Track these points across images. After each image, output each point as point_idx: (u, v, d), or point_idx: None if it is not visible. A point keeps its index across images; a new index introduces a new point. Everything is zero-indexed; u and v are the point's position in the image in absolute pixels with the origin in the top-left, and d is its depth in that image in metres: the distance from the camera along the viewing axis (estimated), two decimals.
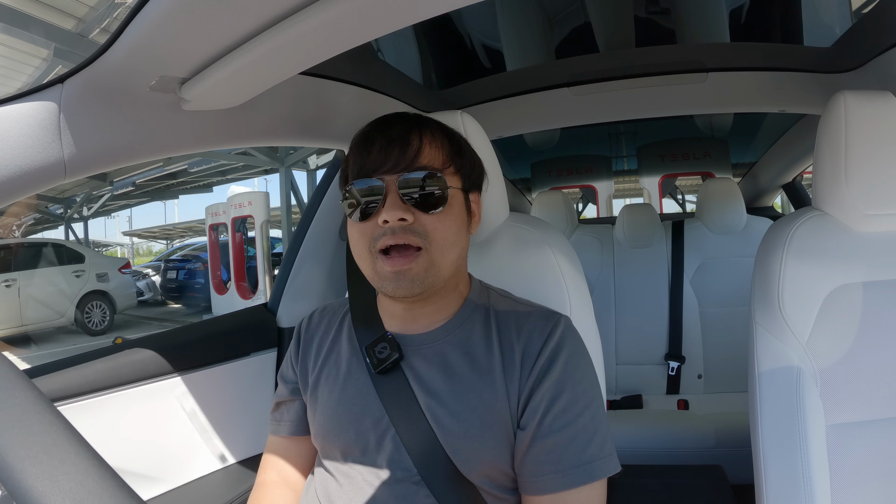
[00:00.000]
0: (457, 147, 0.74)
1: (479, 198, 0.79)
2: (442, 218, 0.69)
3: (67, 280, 8.00)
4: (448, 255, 0.70)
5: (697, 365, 2.07)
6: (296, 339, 0.85)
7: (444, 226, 0.69)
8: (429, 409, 0.70)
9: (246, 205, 7.65)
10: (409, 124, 0.71)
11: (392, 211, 0.66)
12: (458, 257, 0.72)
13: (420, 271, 0.67)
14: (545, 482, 0.65)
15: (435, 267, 0.68)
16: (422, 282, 0.68)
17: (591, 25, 1.24)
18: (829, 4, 1.20)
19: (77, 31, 4.83)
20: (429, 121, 0.75)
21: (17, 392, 0.45)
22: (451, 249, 0.70)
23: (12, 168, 0.64)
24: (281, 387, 0.85)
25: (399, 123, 0.71)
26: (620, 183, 3.83)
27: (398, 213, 0.66)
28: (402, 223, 0.66)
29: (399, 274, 0.67)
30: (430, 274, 0.68)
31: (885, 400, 0.80)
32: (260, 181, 48.23)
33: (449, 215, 0.70)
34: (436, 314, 0.75)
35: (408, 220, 0.66)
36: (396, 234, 0.66)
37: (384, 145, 0.68)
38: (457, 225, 0.71)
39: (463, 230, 0.72)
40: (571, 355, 0.70)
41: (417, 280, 0.67)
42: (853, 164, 0.82)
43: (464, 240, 0.73)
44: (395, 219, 0.66)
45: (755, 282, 0.89)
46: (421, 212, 0.68)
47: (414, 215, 0.67)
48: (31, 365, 0.95)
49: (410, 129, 0.70)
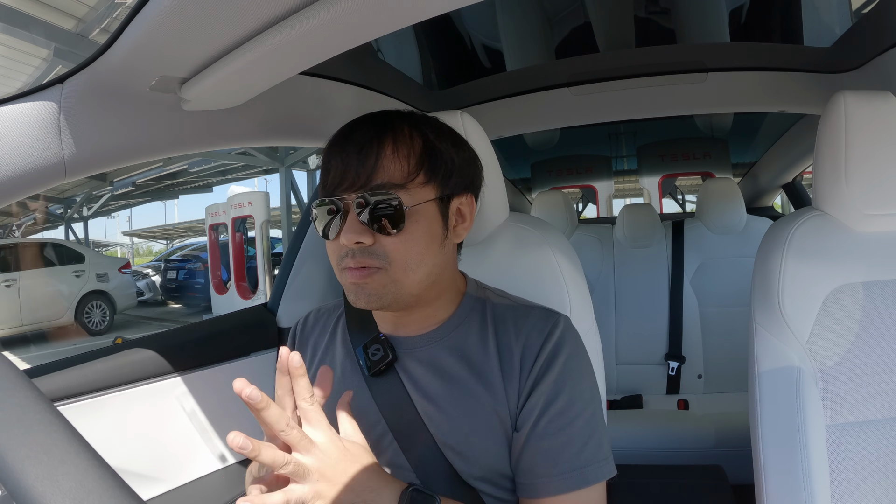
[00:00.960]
0: (430, 150, 0.67)
1: (471, 200, 0.73)
2: (403, 238, 0.65)
3: (67, 280, 8.00)
4: (412, 275, 0.66)
5: (697, 365, 2.07)
6: (290, 343, 0.84)
7: (405, 246, 0.65)
8: (426, 412, 0.69)
9: (246, 205, 7.65)
10: (369, 132, 0.66)
11: (348, 234, 0.63)
12: (427, 274, 0.68)
13: (377, 287, 0.65)
14: (540, 486, 0.65)
15: (396, 284, 0.66)
16: (379, 298, 0.66)
17: (591, 25, 1.24)
18: (829, 4, 1.20)
19: (77, 31, 4.83)
20: (398, 121, 0.68)
21: (17, 392, 0.45)
22: (416, 269, 0.66)
23: (12, 168, 0.64)
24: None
25: (361, 131, 0.67)
26: (620, 183, 3.83)
27: (354, 236, 0.63)
28: (360, 246, 0.64)
29: (357, 286, 0.65)
30: (389, 291, 0.66)
31: (885, 400, 0.80)
32: (260, 181, 48.17)
33: (412, 234, 0.65)
34: (426, 319, 0.73)
35: (365, 244, 0.64)
36: (355, 258, 0.65)
37: (342, 160, 0.65)
38: (422, 243, 0.66)
39: (433, 245, 0.67)
40: (571, 356, 0.69)
41: (374, 295, 0.65)
42: (853, 164, 0.82)
43: (434, 255, 0.68)
44: (350, 242, 0.63)
45: (755, 282, 0.89)
46: (380, 233, 0.64)
47: (373, 237, 0.64)
48: (31, 365, 0.95)
49: (371, 139, 0.65)
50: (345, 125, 0.70)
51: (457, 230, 0.71)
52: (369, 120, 0.69)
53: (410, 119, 0.70)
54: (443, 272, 0.71)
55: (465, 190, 0.72)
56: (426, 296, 0.70)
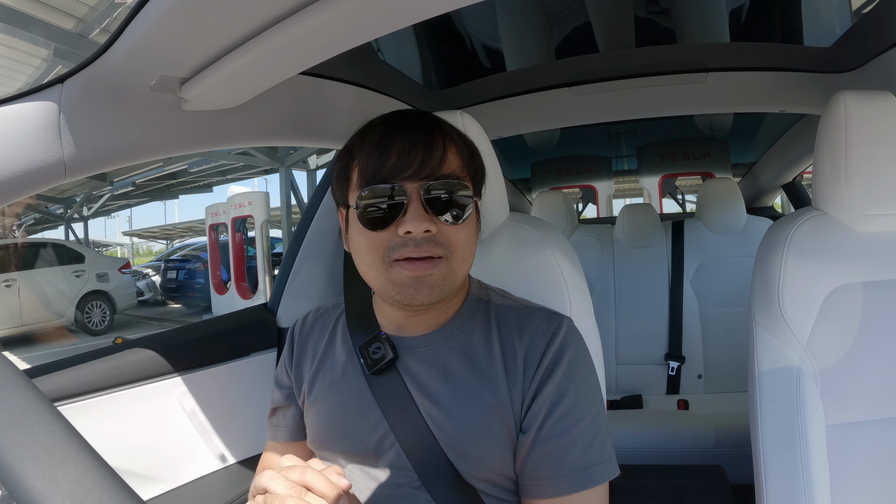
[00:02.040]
0: (471, 153, 0.72)
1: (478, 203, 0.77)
2: (464, 228, 0.67)
3: (67, 280, 8.00)
4: (465, 264, 0.69)
5: (697, 365, 2.07)
6: (289, 343, 0.83)
7: (465, 235, 0.67)
8: (428, 413, 0.69)
9: (246, 205, 7.64)
10: (431, 126, 0.67)
11: (416, 222, 0.62)
12: (470, 266, 0.71)
13: (440, 278, 0.65)
14: (545, 486, 0.65)
15: (453, 275, 0.67)
16: (440, 289, 0.66)
17: (591, 25, 1.24)
18: (829, 4, 1.20)
19: (77, 31, 4.83)
20: (448, 123, 0.71)
21: (17, 392, 0.45)
22: (469, 258, 0.69)
23: (12, 168, 0.64)
24: (276, 392, 0.84)
25: (420, 123, 0.67)
26: (620, 183, 3.83)
27: (423, 224, 0.62)
28: (427, 234, 0.63)
29: (419, 280, 0.64)
30: (447, 282, 0.66)
31: (885, 400, 0.80)
32: (260, 181, 48.22)
33: (469, 225, 0.68)
34: (434, 318, 0.73)
35: (432, 232, 0.63)
36: (420, 247, 0.63)
37: (407, 148, 0.63)
38: (474, 234, 0.70)
39: (476, 239, 0.71)
40: (574, 358, 0.69)
41: (436, 287, 0.65)
42: (853, 164, 0.82)
43: (475, 248, 0.71)
44: (420, 231, 0.62)
45: (755, 282, 0.89)
46: (444, 222, 0.65)
47: (437, 226, 0.64)
48: (31, 365, 0.95)
49: (433, 132, 0.66)
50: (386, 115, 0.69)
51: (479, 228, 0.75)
52: (417, 115, 0.70)
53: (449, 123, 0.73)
54: None
55: (479, 194, 0.75)
56: (458, 290, 0.73)
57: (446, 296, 0.68)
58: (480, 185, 0.75)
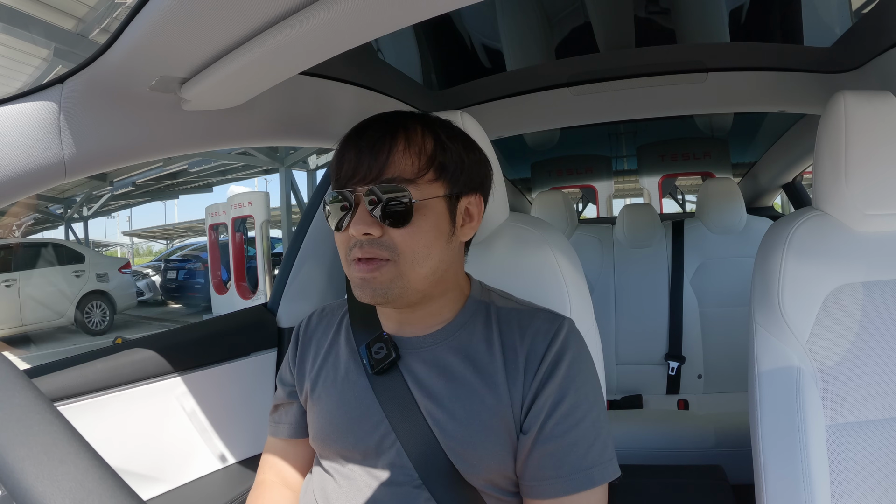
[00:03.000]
0: (441, 149, 0.69)
1: (479, 199, 0.74)
2: (410, 231, 0.66)
3: (67, 280, 8.00)
4: (419, 269, 0.67)
5: (697, 365, 2.07)
6: (294, 342, 0.84)
7: (413, 239, 0.66)
8: (429, 412, 0.69)
9: (246, 205, 7.64)
10: (384, 129, 0.68)
11: (358, 225, 0.65)
12: (433, 269, 0.69)
13: (385, 281, 0.66)
14: (546, 487, 0.65)
15: (403, 278, 0.67)
16: (386, 292, 0.66)
17: (591, 25, 1.24)
18: (829, 4, 1.20)
19: (77, 31, 4.83)
20: (410, 120, 0.70)
21: (17, 392, 0.45)
22: (423, 262, 0.67)
23: (12, 168, 0.64)
24: (279, 389, 0.84)
25: (374, 128, 0.68)
26: (620, 183, 3.83)
27: (363, 227, 0.65)
28: (368, 237, 0.66)
29: (364, 281, 0.67)
30: (395, 285, 0.67)
31: (885, 400, 0.80)
32: (260, 181, 48.25)
33: (420, 228, 0.66)
34: (430, 318, 0.74)
35: (373, 235, 0.65)
36: (364, 248, 0.66)
37: (355, 155, 0.67)
38: (430, 237, 0.67)
39: (439, 241, 0.68)
40: (575, 359, 0.69)
41: (381, 290, 0.66)
42: (853, 164, 0.82)
43: (441, 250, 0.69)
44: (360, 233, 0.65)
45: (755, 282, 0.89)
46: (389, 226, 0.66)
47: (382, 229, 0.66)
48: (31, 365, 0.95)
49: (383, 136, 0.67)
50: (359, 123, 0.72)
51: (464, 229, 0.73)
52: (383, 118, 0.70)
53: (423, 119, 0.71)
54: (448, 269, 0.72)
55: (473, 190, 0.73)
56: (431, 293, 0.71)
57: (398, 298, 0.68)
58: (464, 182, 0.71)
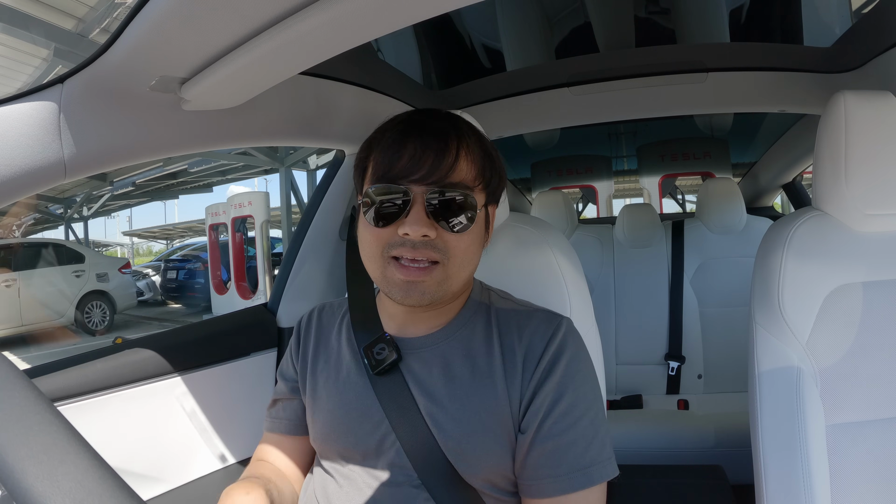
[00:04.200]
0: (489, 160, 0.70)
1: (495, 209, 0.76)
2: (464, 236, 0.66)
3: (67, 280, 8.00)
4: (463, 272, 0.69)
5: (697, 365, 2.07)
6: (296, 337, 0.84)
7: (465, 244, 0.67)
8: (428, 412, 0.69)
9: (246, 205, 7.64)
10: (447, 129, 0.67)
11: (415, 226, 0.63)
12: (471, 273, 0.71)
13: (433, 284, 0.66)
14: (544, 486, 0.65)
15: (449, 281, 0.67)
16: (432, 294, 0.66)
17: (591, 25, 1.24)
18: (829, 4, 1.20)
19: (77, 31, 4.83)
20: (467, 128, 0.70)
21: (17, 392, 0.45)
22: (468, 266, 0.69)
23: (12, 168, 0.64)
24: (280, 384, 0.84)
25: (437, 126, 0.67)
26: (620, 183, 3.83)
27: (422, 229, 0.63)
28: (425, 239, 0.64)
29: (410, 284, 0.65)
30: (442, 288, 0.67)
31: (885, 400, 0.80)
32: (260, 181, 48.25)
33: (472, 234, 0.67)
34: (435, 318, 0.74)
35: (430, 237, 0.64)
36: (416, 249, 0.64)
37: (418, 150, 0.64)
38: (477, 242, 0.70)
39: (479, 247, 0.71)
40: (573, 358, 0.69)
41: (428, 293, 0.66)
42: (853, 164, 0.82)
43: (478, 256, 0.71)
44: (418, 234, 0.63)
45: (755, 282, 0.89)
46: (444, 229, 0.65)
47: (437, 231, 0.65)
48: (31, 365, 0.95)
49: (448, 137, 0.66)
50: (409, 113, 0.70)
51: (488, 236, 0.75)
52: (441, 115, 0.70)
53: (473, 128, 0.72)
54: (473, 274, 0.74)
55: (497, 200, 0.75)
56: (459, 294, 0.73)
57: (440, 299, 0.68)
58: (497, 191, 0.74)
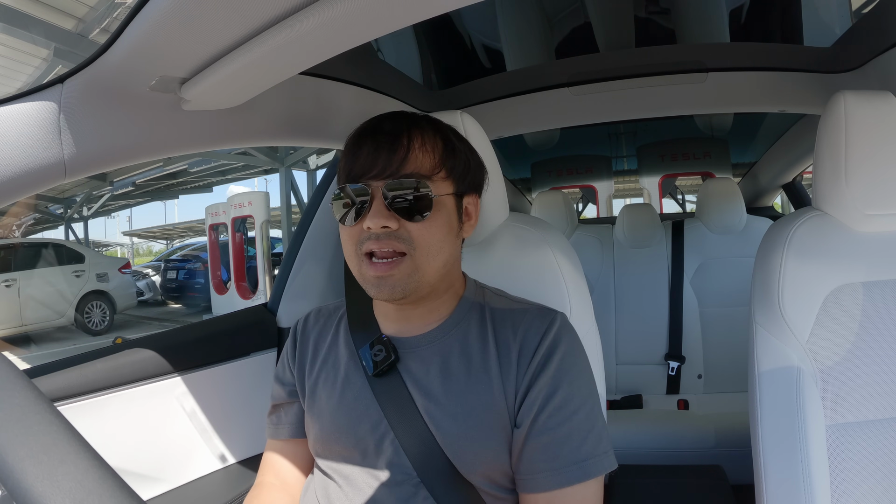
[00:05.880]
0: (450, 149, 0.73)
1: (476, 200, 0.78)
2: (427, 225, 0.68)
3: (67, 280, 8.00)
4: (433, 262, 0.69)
5: (697, 365, 2.07)
6: (292, 340, 0.84)
7: (430, 233, 0.68)
8: (426, 411, 0.70)
9: (246, 205, 7.64)
10: (400, 126, 0.70)
11: (375, 218, 0.66)
12: (444, 263, 0.71)
13: (402, 276, 0.67)
14: (541, 480, 0.65)
15: (419, 272, 0.68)
16: (403, 287, 0.68)
17: (591, 25, 1.24)
18: (829, 4, 1.20)
19: (77, 31, 4.83)
20: (422, 120, 0.73)
21: (17, 392, 0.45)
22: (437, 256, 0.70)
23: (12, 168, 0.64)
24: (277, 389, 0.84)
25: (390, 125, 0.70)
26: (620, 183, 3.83)
27: (381, 220, 0.66)
28: (386, 230, 0.67)
29: (381, 279, 0.68)
30: (412, 279, 0.68)
31: (885, 400, 0.80)
32: (260, 181, 48.24)
33: (435, 222, 0.69)
34: (429, 315, 0.75)
35: (391, 228, 0.67)
36: (380, 241, 0.67)
37: (372, 149, 0.68)
38: (443, 231, 0.70)
39: (451, 236, 0.72)
40: (567, 352, 0.70)
41: (399, 285, 0.68)
42: (853, 164, 0.82)
43: (451, 245, 0.72)
44: (378, 226, 0.66)
45: (755, 282, 0.89)
46: (405, 219, 0.68)
47: (398, 222, 0.67)
48: (31, 365, 0.95)
49: (400, 132, 0.69)
50: (368, 121, 0.73)
51: (465, 226, 0.75)
52: (394, 117, 0.73)
53: (432, 121, 0.75)
54: (453, 265, 0.75)
55: (474, 190, 0.77)
56: (438, 287, 0.73)
57: (414, 291, 0.69)
58: (468, 182, 0.75)
